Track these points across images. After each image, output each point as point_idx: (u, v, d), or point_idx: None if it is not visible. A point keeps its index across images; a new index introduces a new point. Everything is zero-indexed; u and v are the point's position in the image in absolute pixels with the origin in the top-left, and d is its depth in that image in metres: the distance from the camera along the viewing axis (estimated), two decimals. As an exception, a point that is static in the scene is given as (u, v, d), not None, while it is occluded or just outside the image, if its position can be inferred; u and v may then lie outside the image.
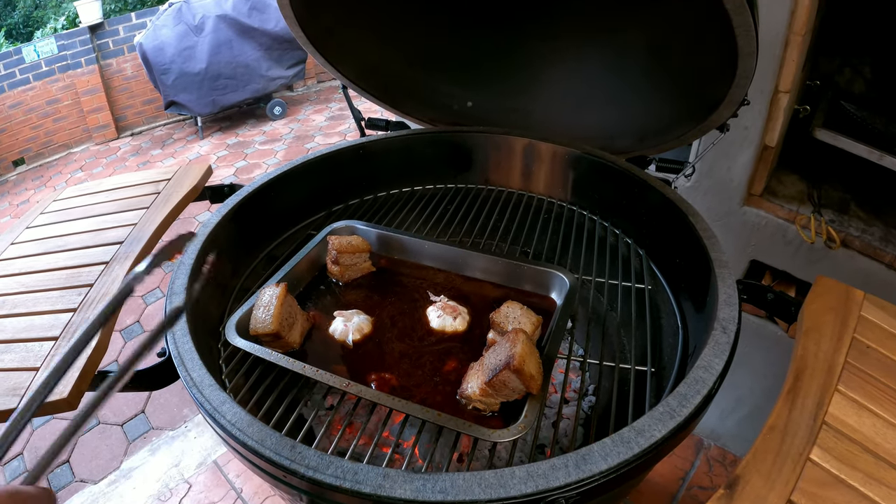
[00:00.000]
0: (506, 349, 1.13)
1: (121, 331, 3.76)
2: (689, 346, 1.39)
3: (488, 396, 1.15)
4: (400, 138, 2.07)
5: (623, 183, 1.78)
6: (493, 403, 1.17)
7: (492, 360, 1.15)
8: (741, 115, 1.63)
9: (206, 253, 1.49)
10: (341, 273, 1.55)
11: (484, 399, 1.16)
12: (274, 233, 1.83)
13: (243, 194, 1.70)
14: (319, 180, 1.93)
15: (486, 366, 1.15)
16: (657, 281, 1.62)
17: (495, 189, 2.08)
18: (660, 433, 0.98)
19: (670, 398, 1.04)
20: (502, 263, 1.54)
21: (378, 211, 1.99)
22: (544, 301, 1.49)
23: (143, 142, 7.24)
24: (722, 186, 2.17)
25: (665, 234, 1.65)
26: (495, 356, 1.15)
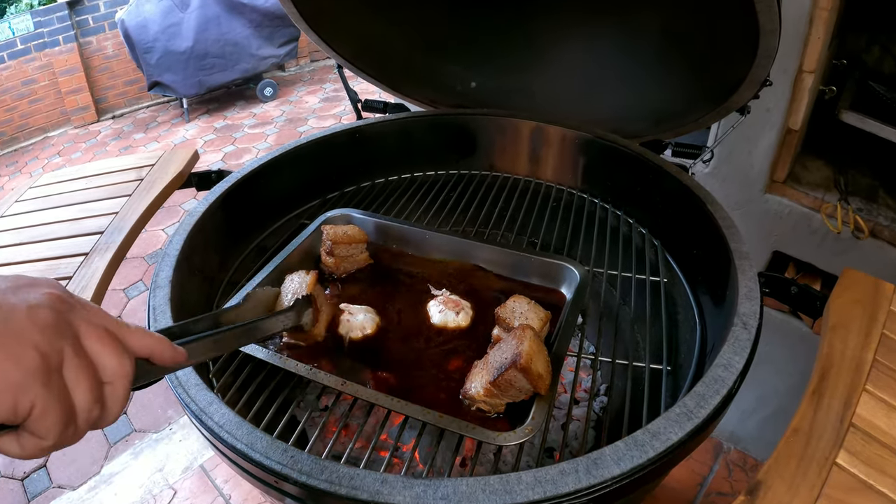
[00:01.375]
0: (512, 347, 1.12)
1: None
2: (708, 343, 1.39)
3: (493, 397, 1.14)
4: (399, 121, 2.06)
5: (637, 169, 1.77)
6: (498, 404, 1.16)
7: (497, 358, 1.13)
8: (763, 96, 1.62)
9: (192, 243, 1.49)
10: (336, 265, 1.55)
11: (488, 399, 1.15)
12: (264, 222, 1.82)
13: (232, 181, 1.70)
14: (313, 166, 1.93)
15: (490, 364, 1.14)
16: (673, 273, 1.62)
17: (500, 175, 2.08)
18: (676, 436, 0.98)
19: (687, 398, 1.04)
20: (508, 255, 1.54)
21: (375, 199, 1.98)
22: (553, 295, 1.49)
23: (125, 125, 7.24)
24: (742, 173, 2.16)
25: (682, 224, 1.64)
26: (501, 354, 1.14)
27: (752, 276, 1.30)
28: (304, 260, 1.59)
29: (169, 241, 1.47)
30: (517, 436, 1.05)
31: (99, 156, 6.43)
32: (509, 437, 1.05)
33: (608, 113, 1.99)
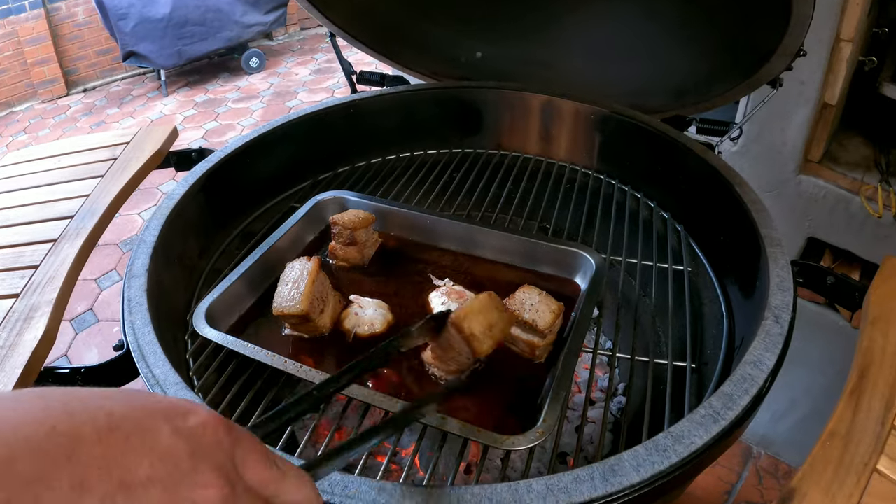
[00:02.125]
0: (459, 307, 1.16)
1: (71, 320, 3.77)
2: (736, 339, 1.38)
3: (440, 360, 1.19)
4: (397, 95, 2.06)
5: (658, 147, 1.77)
6: (447, 370, 1.21)
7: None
8: (796, 67, 1.62)
9: (170, 228, 1.49)
10: (360, 253, 1.55)
11: (438, 363, 1.20)
12: (250, 206, 1.82)
13: (214, 161, 1.69)
14: (303, 144, 1.92)
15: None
16: (698, 262, 1.62)
17: (509, 154, 2.07)
18: (701, 440, 0.97)
19: (713, 399, 1.04)
20: (517, 241, 1.54)
21: (372, 180, 1.98)
22: (566, 285, 1.49)
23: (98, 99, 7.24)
24: (774, 151, 2.16)
25: (707, 207, 1.64)
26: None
27: (785, 264, 1.29)
28: (294, 246, 1.59)
29: (145, 227, 1.47)
30: (527, 439, 1.05)
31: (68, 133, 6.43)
32: (518, 440, 1.05)
33: (627, 86, 1.99)
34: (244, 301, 1.44)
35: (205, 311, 1.33)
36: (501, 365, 1.29)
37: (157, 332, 1.22)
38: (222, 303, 1.37)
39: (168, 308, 1.41)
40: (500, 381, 1.26)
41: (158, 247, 1.43)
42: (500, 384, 1.25)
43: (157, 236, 1.45)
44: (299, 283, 1.31)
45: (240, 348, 1.25)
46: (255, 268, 1.45)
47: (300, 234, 1.61)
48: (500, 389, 1.24)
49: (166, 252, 1.45)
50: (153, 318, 1.25)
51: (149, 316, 1.25)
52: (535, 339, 1.29)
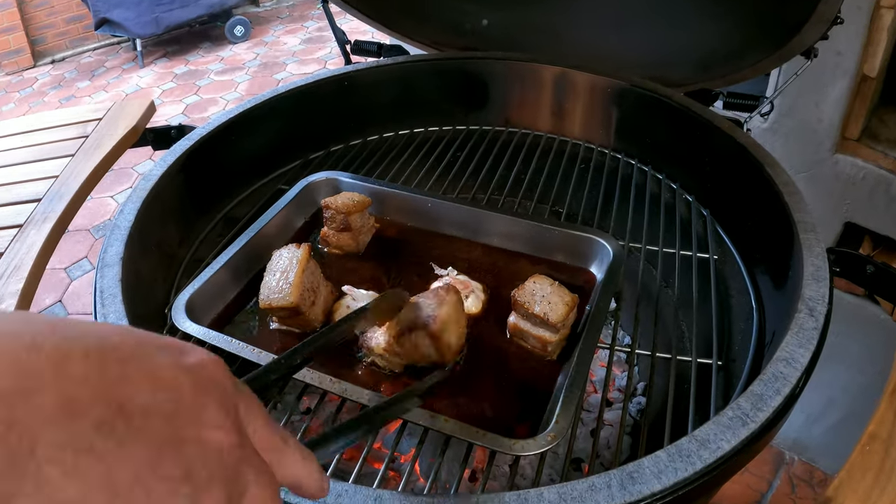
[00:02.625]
0: (429, 307, 1.16)
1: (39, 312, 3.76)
2: (766, 333, 1.38)
3: (394, 354, 1.19)
4: (396, 67, 2.05)
5: (682, 124, 1.76)
6: (396, 363, 1.22)
7: (410, 314, 1.17)
8: (833, 36, 1.61)
9: (147, 212, 1.49)
10: (354, 240, 1.55)
11: (388, 356, 1.21)
12: (235, 188, 1.82)
13: (195, 139, 1.69)
14: (293, 121, 1.92)
15: (401, 318, 1.17)
16: (725, 249, 1.61)
17: (518, 132, 2.07)
18: (728, 444, 0.97)
19: (742, 399, 1.03)
20: (527, 226, 1.53)
21: (368, 160, 1.98)
22: (581, 275, 1.49)
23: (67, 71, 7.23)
24: (808, 128, 2.15)
25: (735, 190, 1.63)
26: (415, 310, 1.17)
27: (820, 252, 1.29)
28: (282, 232, 1.58)
29: (119, 211, 1.47)
30: (537, 444, 1.05)
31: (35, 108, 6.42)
32: (528, 445, 1.05)
33: (647, 57, 1.98)
34: (228, 292, 1.44)
35: (185, 304, 1.32)
36: (509, 362, 1.30)
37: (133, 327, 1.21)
38: (204, 294, 1.37)
39: (145, 300, 1.41)
40: (507, 379, 1.26)
41: (134, 233, 1.42)
42: (508, 383, 1.25)
43: (132, 221, 1.44)
44: (288, 272, 1.30)
45: (223, 344, 1.25)
46: (240, 256, 1.45)
47: (289, 218, 1.60)
48: (507, 389, 1.24)
49: (143, 239, 1.45)
50: (128, 312, 1.24)
51: (123, 309, 1.24)
52: (546, 335, 1.29)
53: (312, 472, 0.62)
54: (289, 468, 0.59)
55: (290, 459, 0.59)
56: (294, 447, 0.60)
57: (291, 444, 0.59)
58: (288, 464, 0.59)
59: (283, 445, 0.58)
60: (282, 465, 0.58)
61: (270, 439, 0.56)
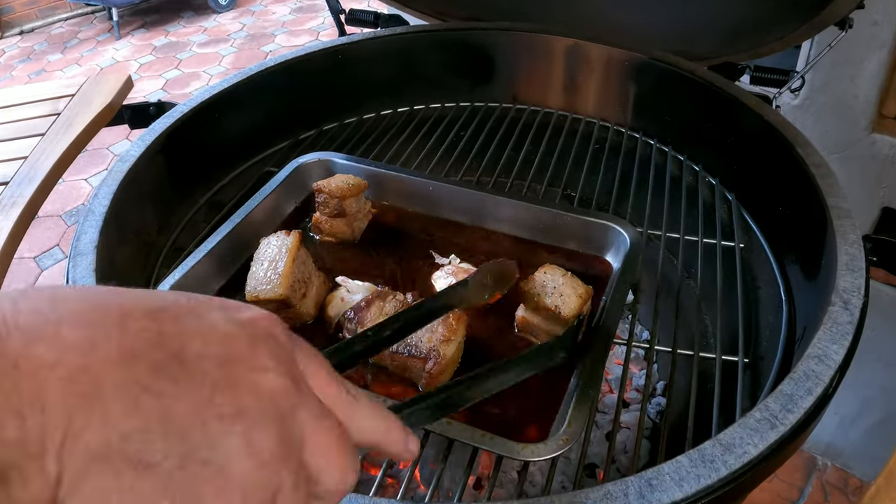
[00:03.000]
0: (437, 332, 1.18)
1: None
2: (797, 328, 1.38)
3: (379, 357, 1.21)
4: (394, 38, 2.05)
5: (705, 100, 1.76)
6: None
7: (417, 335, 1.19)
8: (869, 5, 1.60)
9: (124, 197, 1.48)
10: (349, 227, 1.54)
11: None
12: (219, 171, 1.82)
13: (176, 117, 1.68)
14: (282, 97, 1.92)
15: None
16: (752, 237, 1.61)
17: (527, 109, 2.06)
18: (756, 449, 0.97)
19: (770, 400, 1.03)
20: (537, 212, 1.53)
21: (364, 140, 1.97)
22: (595, 265, 1.48)
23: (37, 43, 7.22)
24: (842, 105, 2.15)
25: (763, 172, 1.63)
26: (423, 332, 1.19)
27: (856, 240, 1.29)
28: (271, 219, 1.58)
29: (94, 195, 1.47)
30: (548, 448, 1.05)
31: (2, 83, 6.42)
32: (538, 449, 1.05)
33: (668, 28, 1.98)
34: (211, 284, 1.44)
35: (165, 296, 1.32)
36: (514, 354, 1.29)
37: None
38: (185, 286, 1.36)
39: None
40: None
41: (110, 219, 1.42)
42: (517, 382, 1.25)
43: (107, 206, 1.44)
44: (277, 262, 1.30)
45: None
46: (225, 244, 1.45)
47: (278, 204, 1.60)
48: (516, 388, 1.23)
49: (119, 225, 1.45)
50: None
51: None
52: (558, 329, 1.29)
53: (393, 428, 0.63)
54: (363, 423, 0.60)
55: (362, 414, 0.60)
56: (366, 402, 0.61)
57: (363, 400, 0.60)
58: (361, 418, 0.60)
59: (352, 400, 0.59)
60: (355, 421, 0.59)
61: (337, 393, 0.58)
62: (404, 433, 0.63)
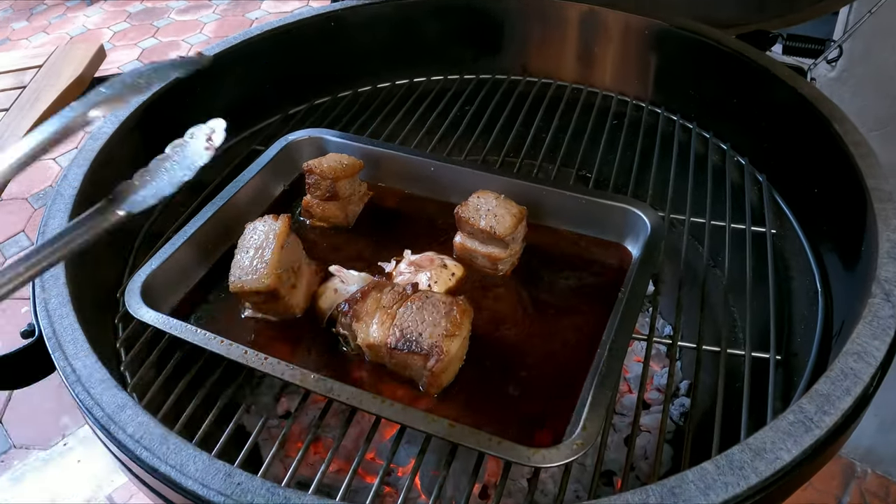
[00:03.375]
0: (440, 326, 1.17)
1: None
2: (834, 322, 1.38)
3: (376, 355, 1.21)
4: (392, 4, 2.04)
5: (733, 72, 1.75)
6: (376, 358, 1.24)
7: (414, 323, 1.18)
8: (915, -34, 1.60)
9: (96, 178, 1.48)
10: (343, 211, 1.54)
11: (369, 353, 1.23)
12: (199, 148, 1.82)
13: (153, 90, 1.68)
14: (269, 69, 1.91)
15: (402, 325, 1.19)
16: (785, 221, 1.61)
17: (538, 82, 2.06)
18: (789, 454, 0.97)
19: (805, 401, 1.03)
20: (549, 194, 1.53)
21: (359, 115, 1.97)
22: (613, 252, 1.48)
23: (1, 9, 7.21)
24: (883, 77, 2.14)
25: (797, 151, 1.62)
26: (421, 319, 1.18)
27: (900, 225, 1.29)
28: (257, 201, 1.58)
29: (63, 176, 1.46)
30: (561, 453, 1.05)
31: (-36, 54, 6.40)
32: (550, 455, 1.05)
33: (692, -9, 1.97)
34: (192, 273, 1.44)
35: (140, 287, 1.32)
36: (526, 353, 1.29)
37: (79, 314, 1.21)
38: (164, 275, 1.37)
39: (93, 282, 1.41)
40: (525, 374, 1.26)
41: (80, 202, 1.42)
42: (526, 379, 1.25)
43: (78, 189, 1.44)
44: (264, 249, 1.30)
45: (187, 335, 1.24)
46: (207, 230, 1.45)
47: (265, 185, 1.60)
48: (525, 386, 1.24)
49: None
50: (73, 296, 1.24)
51: (67, 293, 1.24)
52: (495, 251, 1.33)
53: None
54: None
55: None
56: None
57: None
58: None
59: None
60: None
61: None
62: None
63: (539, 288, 1.41)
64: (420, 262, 1.42)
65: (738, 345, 1.35)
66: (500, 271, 1.35)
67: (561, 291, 1.41)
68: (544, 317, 1.35)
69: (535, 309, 1.37)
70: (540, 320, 1.34)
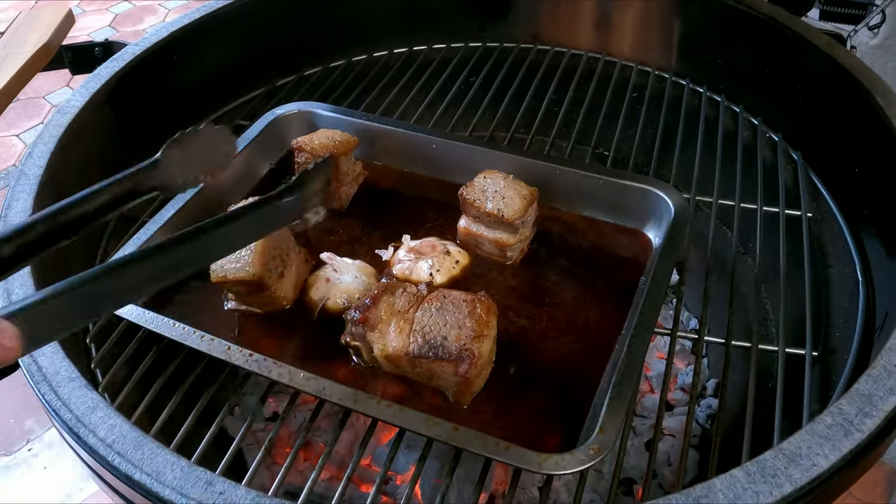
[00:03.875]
0: (466, 328, 1.15)
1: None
2: (877, 315, 1.37)
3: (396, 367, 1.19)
4: (389, -36, 2.04)
5: (765, 40, 1.75)
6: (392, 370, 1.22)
7: (437, 328, 1.17)
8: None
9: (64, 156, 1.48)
10: (336, 192, 1.54)
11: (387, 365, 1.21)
12: (178, 124, 1.78)
13: (127, 59, 1.68)
14: (255, 36, 1.91)
15: (424, 330, 1.17)
16: (822, 204, 1.60)
17: (550, 50, 2.05)
18: (827, 460, 0.97)
19: (844, 401, 1.03)
20: (562, 174, 1.52)
21: (353, 87, 1.97)
22: (633, 238, 1.48)
23: (-41, -30, 7.21)
24: (932, 45, 2.14)
25: (836, 126, 1.62)
26: (444, 321, 1.17)
27: (948, 208, 1.29)
28: (241, 182, 1.58)
29: (27, 154, 1.46)
30: (576, 459, 1.04)
31: (-82, 20, 6.40)
32: (564, 461, 1.04)
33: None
34: (170, 261, 1.43)
35: (114, 276, 1.32)
36: (537, 349, 1.29)
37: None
38: (139, 264, 1.36)
39: (60, 271, 1.40)
40: (536, 372, 1.26)
41: (47, 182, 1.42)
42: (537, 378, 1.25)
43: (44, 167, 1.44)
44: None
45: (163, 329, 1.24)
46: (185, 214, 1.44)
47: (250, 164, 1.60)
48: (536, 386, 1.23)
49: (58, 190, 1.44)
50: (39, 285, 1.24)
51: (32, 282, 1.24)
52: (503, 237, 1.33)
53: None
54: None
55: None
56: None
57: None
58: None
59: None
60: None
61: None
62: None
63: (551, 277, 1.41)
64: (420, 249, 1.41)
65: (770, 340, 1.36)
66: (508, 259, 1.35)
67: (575, 281, 1.40)
68: (557, 309, 1.35)
69: (546, 300, 1.37)
70: (552, 313, 1.34)
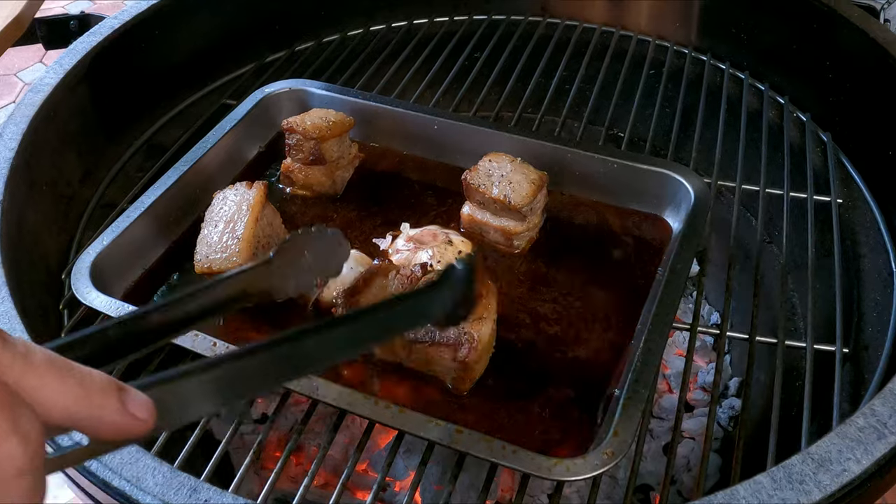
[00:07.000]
0: None
1: None
2: (913, 309, 1.37)
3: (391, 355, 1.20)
4: (387, -71, 2.03)
5: (793, 12, 1.74)
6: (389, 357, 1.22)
7: None
8: None
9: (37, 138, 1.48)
10: (329, 177, 1.54)
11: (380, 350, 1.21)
12: (160, 103, 1.81)
13: (105, 33, 1.67)
14: (242, 8, 1.91)
15: None
16: (853, 189, 1.60)
17: (560, 23, 2.05)
18: (858, 466, 0.96)
19: (877, 402, 1.03)
20: (574, 157, 1.52)
21: (349, 63, 1.96)
22: (650, 225, 1.48)
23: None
24: (973, 18, 2.14)
25: (868, 106, 1.62)
26: None
27: None
28: (228, 166, 1.57)
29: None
30: (588, 464, 1.04)
31: None
32: (575, 466, 1.04)
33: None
34: (150, 251, 1.43)
35: (90, 267, 1.31)
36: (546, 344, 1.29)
37: (16, 298, 1.21)
38: (117, 253, 1.36)
39: (33, 260, 1.40)
40: (545, 370, 1.26)
41: (18, 166, 1.42)
42: (546, 376, 1.25)
43: (15, 150, 1.44)
44: (236, 223, 1.29)
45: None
46: (168, 200, 1.44)
47: (237, 147, 1.60)
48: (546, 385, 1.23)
49: (30, 174, 1.44)
50: (9, 277, 1.24)
51: (2, 272, 1.24)
52: (510, 224, 1.33)
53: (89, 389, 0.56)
54: (49, 393, 0.54)
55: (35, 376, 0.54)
56: (41, 362, 0.54)
57: (36, 358, 0.54)
58: (44, 386, 0.54)
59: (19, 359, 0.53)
60: (33, 392, 0.53)
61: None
62: (115, 394, 0.56)
63: (561, 268, 1.41)
64: (421, 238, 1.41)
65: (797, 336, 1.35)
66: (515, 248, 1.35)
67: (587, 272, 1.40)
68: (567, 302, 1.35)
69: (556, 292, 1.37)
70: (562, 306, 1.34)
